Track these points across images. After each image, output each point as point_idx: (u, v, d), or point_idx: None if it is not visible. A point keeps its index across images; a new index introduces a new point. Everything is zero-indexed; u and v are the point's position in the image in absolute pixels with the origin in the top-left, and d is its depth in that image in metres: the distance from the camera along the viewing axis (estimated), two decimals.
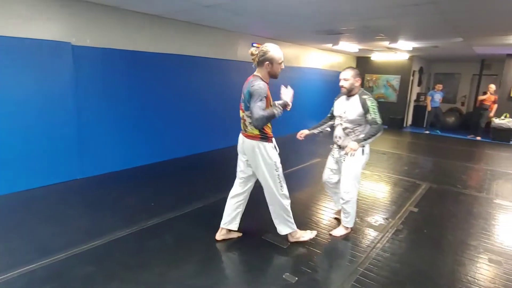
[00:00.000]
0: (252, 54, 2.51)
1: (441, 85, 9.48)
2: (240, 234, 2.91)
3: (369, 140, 2.78)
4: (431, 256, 2.77)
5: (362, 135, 2.80)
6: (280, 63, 2.50)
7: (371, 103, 2.78)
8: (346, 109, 2.89)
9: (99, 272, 2.36)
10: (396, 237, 3.08)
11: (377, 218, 3.49)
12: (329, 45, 7.79)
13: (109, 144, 4.58)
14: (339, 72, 3.08)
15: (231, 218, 2.82)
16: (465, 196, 4.27)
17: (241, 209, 2.84)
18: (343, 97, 3.00)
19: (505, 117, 8.61)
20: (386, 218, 3.50)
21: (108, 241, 2.78)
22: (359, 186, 3.08)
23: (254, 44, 6.74)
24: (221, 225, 2.85)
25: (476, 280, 2.44)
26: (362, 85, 3.33)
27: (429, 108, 9.50)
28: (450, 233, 3.20)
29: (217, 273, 2.40)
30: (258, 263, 2.55)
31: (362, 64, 10.91)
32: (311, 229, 3.11)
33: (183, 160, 5.50)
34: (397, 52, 8.81)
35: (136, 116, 4.84)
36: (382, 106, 10.67)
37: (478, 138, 8.86)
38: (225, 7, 4.10)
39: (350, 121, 2.86)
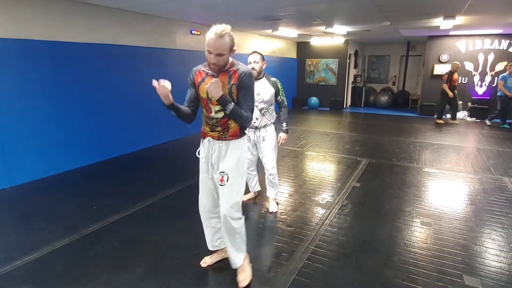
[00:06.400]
0: None
1: None
2: None
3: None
4: (373, 226, 3.01)
5: (284, 124, 3.18)
6: (207, 49, 1.88)
7: (281, 86, 3.07)
8: (259, 90, 2.99)
9: None
10: (342, 212, 3.28)
11: (324, 196, 3.67)
12: (269, 31, 7.84)
13: (37, 147, 4.12)
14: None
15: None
16: (399, 168, 4.69)
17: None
18: None
19: None
20: (332, 195, 3.70)
21: (45, 254, 2.53)
22: None
23: (193, 31, 6.52)
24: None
25: (411, 243, 2.71)
26: (303, 69, 3.53)
27: (509, 94, 7.47)
28: (388, 203, 3.50)
29: (169, 272, 2.33)
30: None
31: (303, 49, 11.21)
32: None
33: (124, 158, 5.18)
34: (333, 36, 9.20)
35: (65, 114, 4.39)
36: (323, 89, 11.19)
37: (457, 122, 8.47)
38: None
39: (266, 102, 3.03)
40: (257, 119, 3.06)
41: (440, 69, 9.35)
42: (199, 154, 2.14)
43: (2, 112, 3.75)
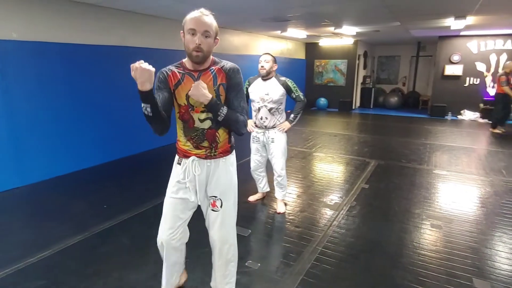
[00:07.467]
0: None
1: None
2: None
3: (298, 116, 3.14)
4: (381, 227, 2.99)
5: (292, 115, 3.12)
6: (189, 31, 1.53)
7: (292, 83, 3.05)
8: (268, 90, 3.01)
9: (51, 285, 2.20)
10: (350, 214, 3.27)
11: (332, 198, 3.67)
12: (278, 32, 7.85)
13: (50, 147, 4.21)
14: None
15: None
16: (409, 169, 4.64)
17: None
18: (258, 81, 3.09)
19: None
20: (340, 197, 3.69)
21: (58, 251, 2.59)
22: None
23: None
24: None
25: (420, 245, 2.68)
26: (312, 70, 3.52)
27: None
28: (397, 204, 3.47)
29: None
30: None
31: (311, 50, 11.19)
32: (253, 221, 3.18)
33: (134, 158, 5.26)
34: (342, 37, 9.15)
35: (77, 115, 4.48)
36: (332, 90, 11.15)
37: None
38: None
39: (275, 101, 3.03)
40: (266, 118, 3.08)
41: (451, 70, 9.22)
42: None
43: (16, 112, 3.85)
